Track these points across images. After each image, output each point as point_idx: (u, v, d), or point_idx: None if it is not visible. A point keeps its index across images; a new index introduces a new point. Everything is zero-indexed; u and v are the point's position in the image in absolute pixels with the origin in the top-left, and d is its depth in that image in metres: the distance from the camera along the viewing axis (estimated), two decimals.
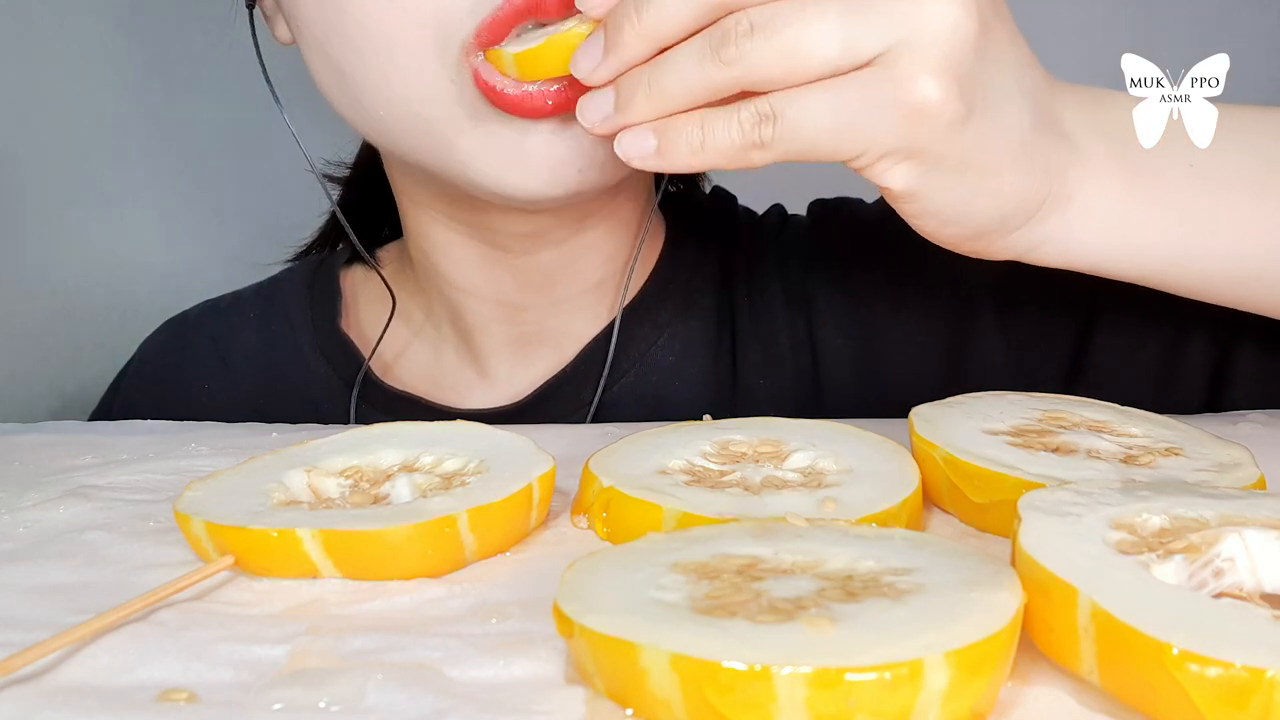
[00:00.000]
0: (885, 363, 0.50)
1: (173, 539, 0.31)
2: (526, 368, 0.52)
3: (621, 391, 0.51)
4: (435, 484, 0.32)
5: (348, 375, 0.53)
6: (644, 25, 0.32)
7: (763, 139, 0.31)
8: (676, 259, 0.53)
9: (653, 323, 0.51)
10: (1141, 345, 0.46)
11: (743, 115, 0.31)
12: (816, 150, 0.32)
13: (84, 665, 0.24)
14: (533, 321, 0.51)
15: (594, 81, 0.34)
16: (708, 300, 0.52)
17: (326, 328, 0.55)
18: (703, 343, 0.51)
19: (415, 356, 0.54)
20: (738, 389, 0.51)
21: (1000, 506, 0.30)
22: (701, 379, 0.51)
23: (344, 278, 0.57)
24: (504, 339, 0.51)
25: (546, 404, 0.51)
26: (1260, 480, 0.30)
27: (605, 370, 0.50)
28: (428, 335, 0.54)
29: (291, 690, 0.23)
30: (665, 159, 0.33)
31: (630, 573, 0.24)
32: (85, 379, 0.68)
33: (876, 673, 0.19)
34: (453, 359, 0.53)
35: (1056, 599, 0.22)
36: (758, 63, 0.30)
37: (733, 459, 0.34)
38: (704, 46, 0.31)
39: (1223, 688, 0.19)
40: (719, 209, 0.57)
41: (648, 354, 0.51)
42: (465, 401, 0.52)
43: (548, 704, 0.22)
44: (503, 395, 0.52)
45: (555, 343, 0.51)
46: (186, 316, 0.60)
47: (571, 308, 0.51)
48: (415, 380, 0.53)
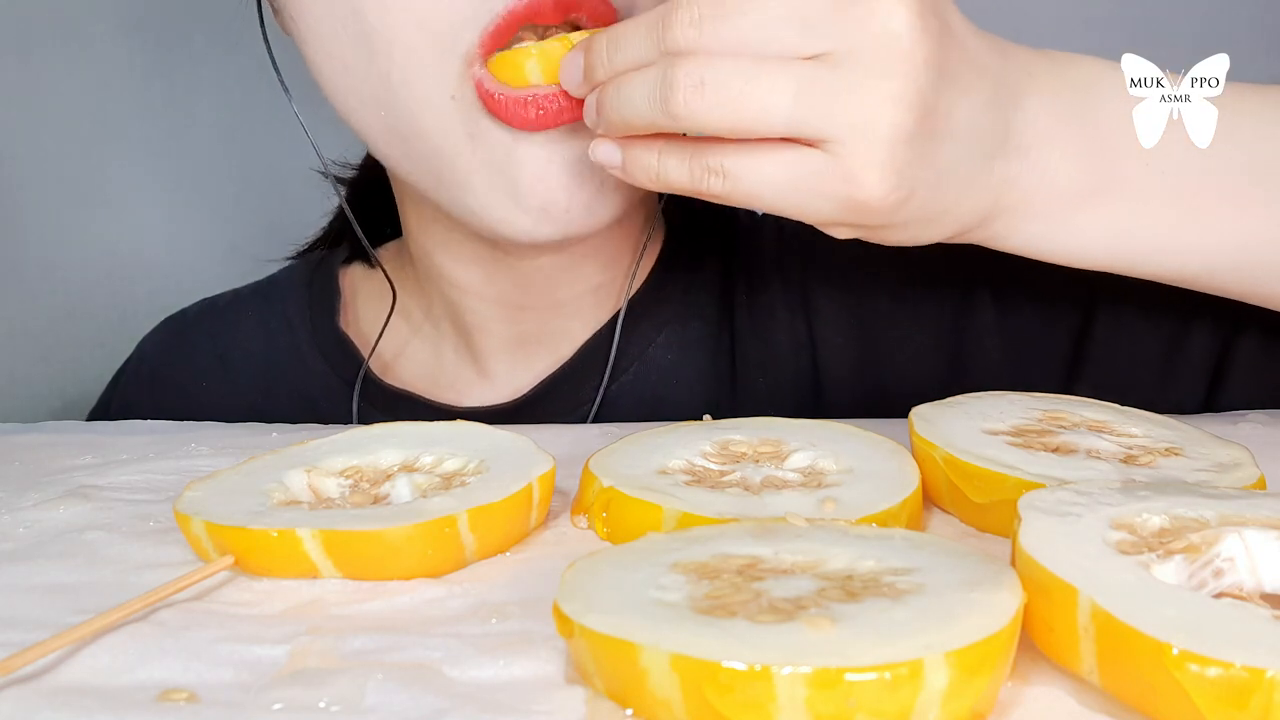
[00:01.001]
0: (885, 362, 0.50)
1: (173, 539, 0.31)
2: (526, 367, 0.52)
3: (620, 390, 0.51)
4: (435, 484, 0.32)
5: (346, 374, 0.53)
6: (613, 66, 0.33)
7: (710, 188, 0.33)
8: (675, 258, 0.53)
9: (651, 321, 0.51)
10: (1140, 341, 0.46)
11: (693, 164, 0.33)
12: (763, 205, 0.33)
13: (84, 665, 0.24)
14: (532, 321, 0.51)
15: (576, 95, 0.36)
16: (707, 299, 0.52)
17: (326, 326, 0.55)
18: (702, 342, 0.51)
19: (414, 355, 0.54)
20: (737, 388, 0.51)
21: (1000, 506, 0.30)
22: (700, 378, 0.51)
23: (343, 276, 0.57)
24: (503, 339, 0.51)
25: (545, 402, 0.50)
26: (1260, 480, 0.30)
27: (608, 369, 0.50)
28: (427, 334, 0.54)
29: (291, 690, 0.23)
30: (628, 176, 0.35)
31: (630, 573, 0.24)
32: (86, 379, 0.68)
33: (876, 673, 0.19)
34: (452, 358, 0.53)
35: (1056, 599, 0.22)
36: (704, 121, 0.31)
37: (733, 459, 0.34)
38: (652, 92, 0.32)
39: (1223, 688, 0.19)
40: (718, 209, 0.56)
41: (646, 353, 0.51)
42: (465, 400, 0.52)
43: (548, 704, 0.22)
44: (502, 394, 0.52)
45: (554, 343, 0.51)
46: (185, 315, 0.60)
47: (572, 310, 0.51)
48: (414, 379, 0.53)
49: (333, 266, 0.57)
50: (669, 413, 0.49)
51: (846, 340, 0.51)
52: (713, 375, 0.51)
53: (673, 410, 0.50)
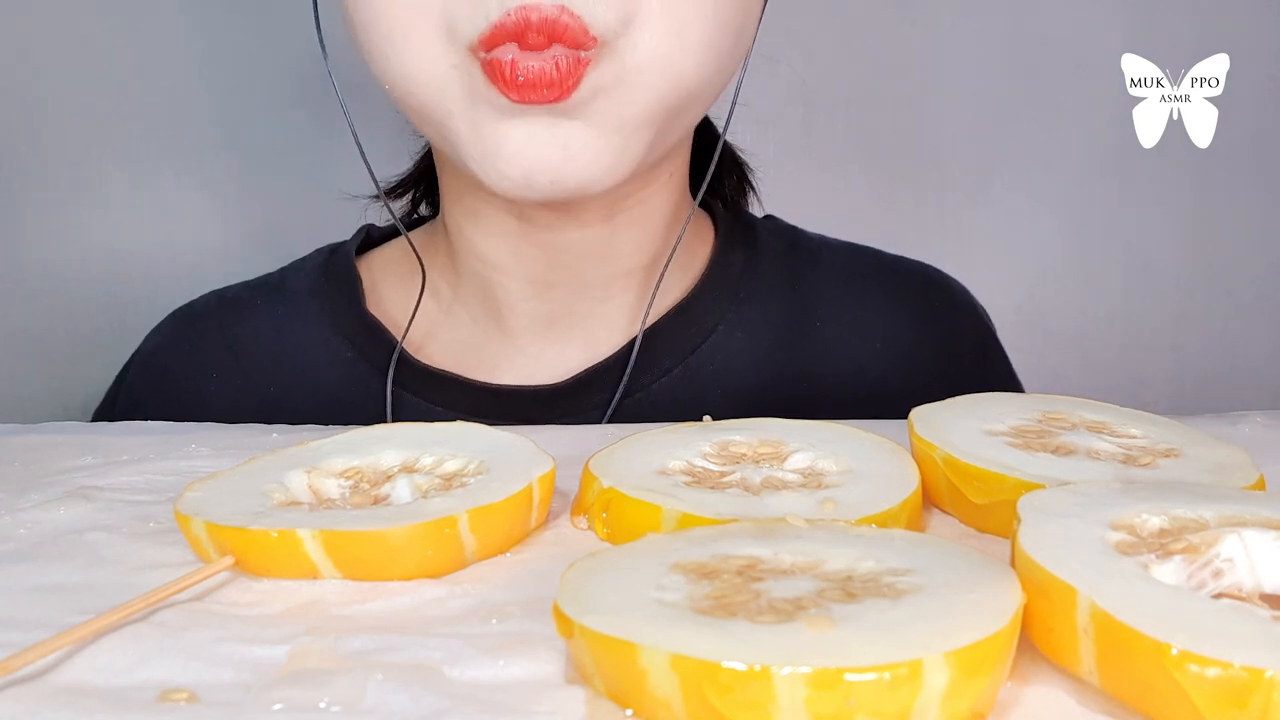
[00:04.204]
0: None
1: (173, 539, 0.31)
2: (557, 348, 0.52)
3: (661, 391, 0.51)
4: (435, 485, 0.32)
5: (375, 358, 0.52)
6: None
7: None
8: (725, 267, 0.53)
9: (699, 326, 0.52)
10: None
11: None
12: None
13: (84, 665, 0.24)
14: (561, 301, 0.51)
15: None
16: (754, 311, 0.52)
17: (352, 312, 0.54)
18: (748, 352, 0.52)
19: (446, 335, 0.54)
20: (787, 391, 0.51)
21: (1000, 507, 0.30)
22: (743, 388, 0.51)
23: (360, 264, 0.57)
24: (533, 317, 0.51)
25: (587, 390, 0.51)
26: (1260, 481, 0.30)
27: (626, 374, 0.50)
28: (457, 314, 0.54)
29: (291, 690, 0.23)
30: None
31: (630, 573, 0.24)
32: (86, 379, 0.68)
33: (876, 673, 0.19)
34: (482, 337, 0.53)
35: (1056, 599, 0.22)
36: None
37: (732, 460, 0.34)
38: None
39: (1222, 688, 0.19)
40: (774, 227, 0.58)
41: (691, 357, 0.51)
42: (498, 378, 0.52)
43: (548, 704, 0.22)
44: (533, 374, 0.52)
45: (585, 326, 0.52)
46: (192, 307, 0.60)
47: (602, 294, 0.51)
48: (447, 358, 0.53)
49: (348, 255, 0.57)
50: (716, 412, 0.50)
51: (902, 373, 0.51)
52: (756, 386, 0.51)
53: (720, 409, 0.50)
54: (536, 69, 0.39)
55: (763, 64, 0.51)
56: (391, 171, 0.60)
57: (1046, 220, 0.92)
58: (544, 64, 0.39)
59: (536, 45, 0.38)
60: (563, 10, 0.38)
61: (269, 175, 0.85)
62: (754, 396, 0.51)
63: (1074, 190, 0.91)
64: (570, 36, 0.38)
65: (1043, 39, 0.88)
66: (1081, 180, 0.91)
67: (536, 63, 0.39)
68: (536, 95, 0.39)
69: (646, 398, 0.50)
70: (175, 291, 0.62)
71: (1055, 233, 0.92)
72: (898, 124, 0.90)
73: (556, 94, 0.39)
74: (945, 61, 0.88)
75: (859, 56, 0.89)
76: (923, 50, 0.88)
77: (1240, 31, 0.86)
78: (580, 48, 0.39)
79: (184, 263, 0.84)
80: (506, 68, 0.39)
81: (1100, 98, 0.86)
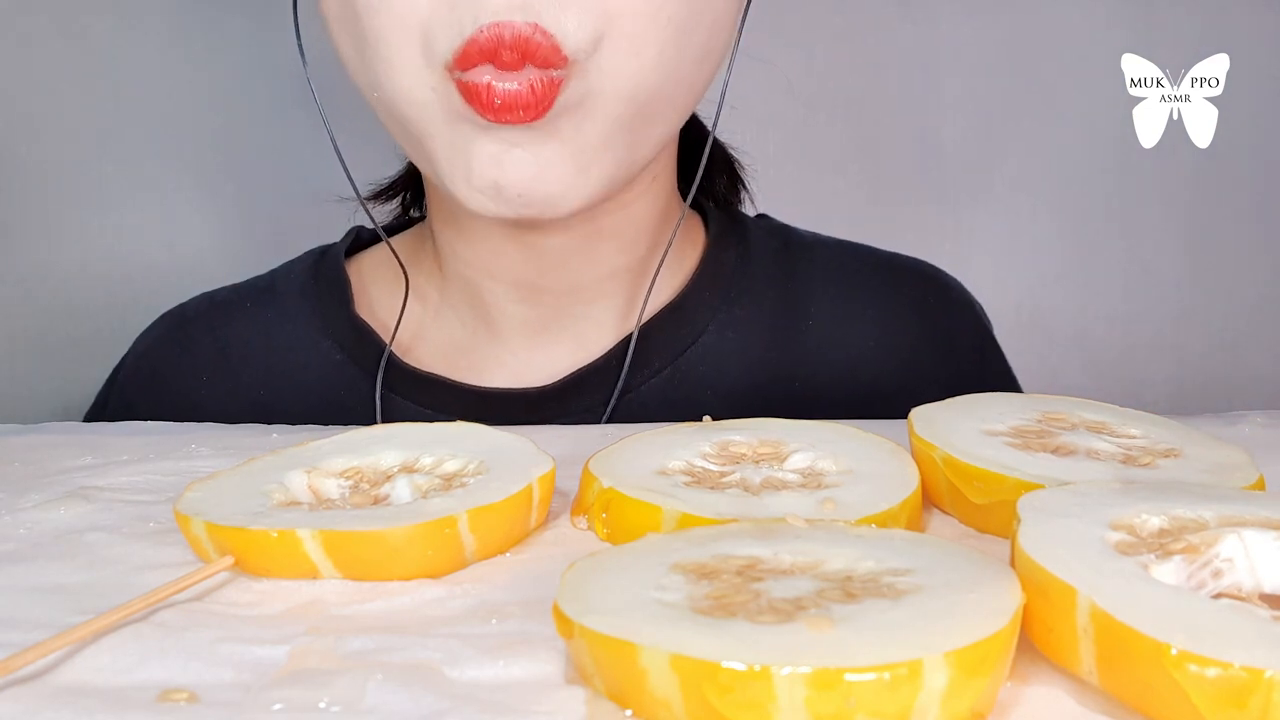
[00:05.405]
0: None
1: (173, 539, 0.31)
2: (546, 350, 0.52)
3: (651, 391, 0.51)
4: (435, 485, 0.32)
5: (363, 360, 0.53)
6: None
7: None
8: (717, 266, 0.53)
9: (690, 326, 0.52)
10: None
11: None
12: None
13: (84, 665, 0.24)
14: (549, 304, 0.51)
15: None
16: (746, 311, 0.52)
17: (341, 314, 0.54)
18: (740, 352, 0.52)
19: (433, 338, 0.54)
20: (780, 390, 0.51)
21: (1000, 507, 0.30)
22: (734, 388, 0.51)
23: (349, 267, 0.57)
24: (521, 320, 0.51)
25: (576, 392, 0.50)
26: (1260, 481, 0.30)
27: (621, 376, 0.50)
28: (445, 317, 0.54)
29: (291, 690, 0.23)
30: None
31: (630, 573, 0.24)
32: (86, 380, 0.68)
33: (876, 673, 0.19)
34: (470, 339, 0.53)
35: (1056, 599, 0.22)
36: None
37: (732, 460, 0.34)
38: None
39: (1222, 688, 0.19)
40: (766, 225, 0.58)
41: (682, 357, 0.51)
42: (487, 380, 0.52)
43: (548, 704, 0.22)
44: (522, 376, 0.51)
45: (574, 328, 0.51)
46: (183, 310, 0.60)
47: (590, 296, 0.51)
48: (435, 360, 0.53)
49: (337, 258, 0.57)
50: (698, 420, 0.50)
51: (892, 372, 0.51)
52: (749, 385, 0.51)
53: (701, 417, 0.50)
54: (513, 91, 0.39)
55: (763, 64, 0.51)
56: (392, 172, 0.60)
57: (1046, 220, 0.92)
58: (520, 87, 0.39)
59: (510, 64, 0.39)
60: (535, 29, 0.38)
61: (267, 177, 0.85)
62: (746, 396, 0.51)
63: (1074, 190, 0.91)
64: (542, 56, 0.39)
65: (1043, 39, 0.88)
66: (1081, 180, 0.91)
67: (512, 85, 0.39)
68: (513, 116, 0.40)
69: (637, 398, 0.50)
70: (175, 292, 0.62)
71: (1055, 233, 0.92)
72: (897, 124, 0.90)
73: (532, 115, 0.40)
74: (945, 62, 0.88)
75: (858, 57, 0.89)
76: (923, 50, 0.89)
77: (1240, 31, 0.86)
78: (552, 67, 0.39)
79: (183, 264, 0.84)
80: (483, 91, 0.39)
81: (1100, 98, 0.86)
